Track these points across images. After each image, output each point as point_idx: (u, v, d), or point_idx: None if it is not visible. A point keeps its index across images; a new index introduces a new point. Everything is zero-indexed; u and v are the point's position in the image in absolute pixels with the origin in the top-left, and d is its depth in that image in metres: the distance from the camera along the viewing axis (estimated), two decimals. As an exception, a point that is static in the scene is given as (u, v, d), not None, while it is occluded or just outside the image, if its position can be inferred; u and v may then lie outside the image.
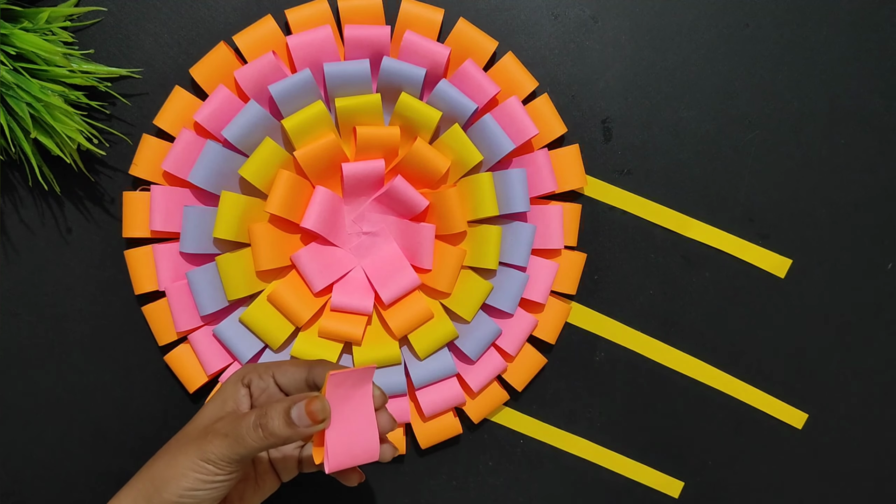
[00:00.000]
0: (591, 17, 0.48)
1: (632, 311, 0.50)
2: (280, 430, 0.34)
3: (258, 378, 0.39)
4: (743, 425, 0.51)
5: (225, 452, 0.35)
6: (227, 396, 0.38)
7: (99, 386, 0.48)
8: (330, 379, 0.35)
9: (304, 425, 0.34)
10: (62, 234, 0.47)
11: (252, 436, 0.35)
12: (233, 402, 0.38)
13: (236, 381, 0.39)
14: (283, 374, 0.38)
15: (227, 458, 0.35)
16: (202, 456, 0.35)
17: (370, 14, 0.45)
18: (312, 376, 0.38)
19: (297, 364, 0.39)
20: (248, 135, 0.44)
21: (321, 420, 0.34)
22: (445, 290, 0.46)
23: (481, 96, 0.45)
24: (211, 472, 0.35)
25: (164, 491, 0.36)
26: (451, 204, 0.45)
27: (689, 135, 0.49)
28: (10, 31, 0.40)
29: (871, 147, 0.49)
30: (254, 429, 0.35)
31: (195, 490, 0.35)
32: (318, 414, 0.34)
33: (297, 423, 0.34)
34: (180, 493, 0.35)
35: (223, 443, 0.35)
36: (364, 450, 0.36)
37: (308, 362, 0.39)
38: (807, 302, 0.50)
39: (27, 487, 0.49)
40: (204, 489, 0.36)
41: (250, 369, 0.39)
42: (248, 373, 0.39)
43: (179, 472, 0.35)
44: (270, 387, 0.39)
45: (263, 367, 0.39)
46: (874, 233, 0.50)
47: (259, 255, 0.44)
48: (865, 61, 0.49)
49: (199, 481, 0.35)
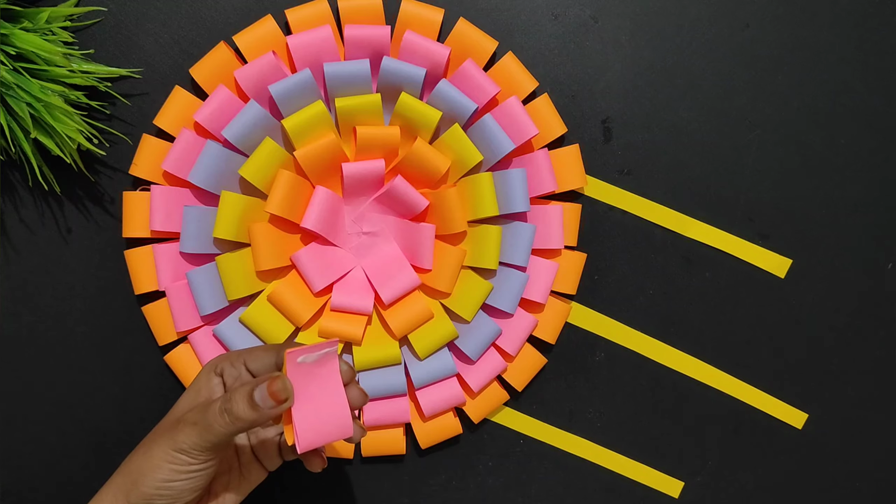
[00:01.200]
0: (591, 17, 0.48)
1: (632, 311, 0.50)
2: (244, 413, 0.34)
3: (230, 366, 0.39)
4: (743, 425, 0.51)
5: (195, 440, 0.35)
6: (201, 386, 0.38)
7: (99, 386, 0.48)
8: (288, 357, 0.34)
9: (268, 406, 0.34)
10: (62, 234, 0.47)
11: (219, 421, 0.35)
12: (206, 391, 0.38)
13: (209, 370, 0.39)
14: (254, 360, 0.38)
15: (199, 446, 0.35)
16: (174, 446, 0.35)
17: (370, 14, 0.45)
18: (281, 359, 0.38)
19: (267, 349, 0.39)
20: (248, 135, 0.44)
21: (283, 399, 0.34)
22: (445, 290, 0.46)
23: (481, 96, 0.45)
24: (185, 462, 0.35)
25: (141, 484, 0.35)
26: (451, 204, 0.45)
27: (689, 135, 0.49)
28: (10, 31, 0.40)
29: (871, 147, 0.49)
30: (220, 414, 0.35)
31: (171, 481, 0.35)
32: (279, 394, 0.34)
33: (261, 404, 0.34)
34: (157, 485, 0.35)
35: (192, 431, 0.35)
36: (335, 426, 0.36)
37: (277, 346, 0.39)
38: (807, 302, 0.50)
39: (27, 487, 0.49)
40: (180, 479, 0.36)
41: (222, 358, 0.39)
42: (220, 362, 0.39)
43: (154, 464, 0.35)
44: (243, 374, 0.39)
45: (235, 355, 0.39)
46: (874, 233, 0.50)
47: (259, 255, 0.44)
48: (865, 61, 0.49)
49: (174, 472, 0.35)
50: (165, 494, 0.36)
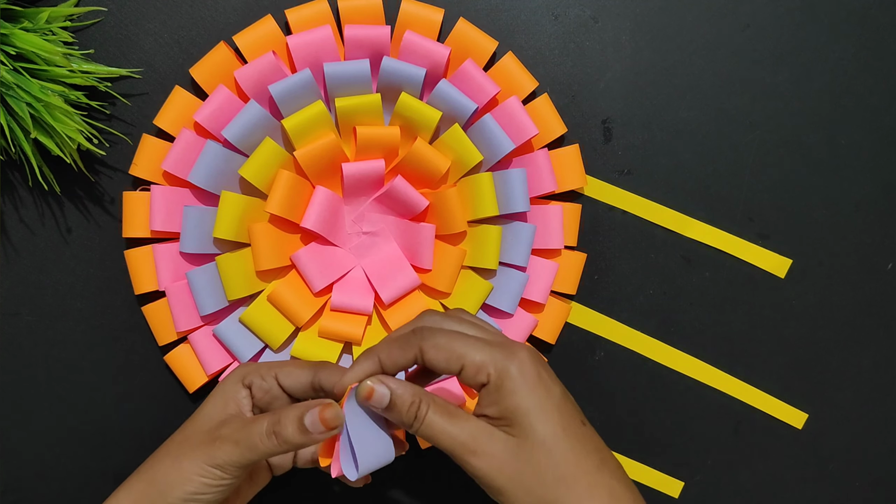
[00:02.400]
0: (591, 17, 0.48)
1: (631, 311, 0.50)
2: (294, 438, 0.34)
3: (260, 379, 0.38)
4: (743, 425, 0.51)
5: (236, 459, 0.35)
6: (228, 398, 0.38)
7: (99, 386, 0.48)
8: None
9: (318, 432, 0.34)
10: (62, 234, 0.47)
11: (265, 443, 0.35)
12: (234, 403, 0.38)
13: (236, 381, 0.39)
14: (287, 376, 0.38)
15: (237, 463, 0.35)
16: (211, 462, 0.35)
17: (370, 14, 0.45)
18: (318, 379, 0.38)
19: (300, 366, 0.38)
20: (248, 135, 0.44)
21: (334, 427, 0.34)
22: (445, 290, 0.46)
23: (481, 96, 0.45)
24: (218, 477, 0.35)
25: (168, 494, 0.35)
26: (451, 204, 0.45)
27: (689, 135, 0.49)
28: (10, 31, 0.40)
29: (871, 147, 0.49)
30: (267, 436, 0.35)
31: (201, 494, 0.36)
32: (331, 422, 0.34)
33: (311, 430, 0.34)
34: (185, 497, 0.35)
35: (234, 450, 0.35)
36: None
37: (313, 364, 0.38)
38: (807, 302, 0.50)
39: (27, 487, 0.49)
40: (209, 493, 0.36)
41: (251, 370, 0.39)
42: (248, 373, 0.39)
43: (185, 476, 0.35)
44: (274, 389, 0.38)
45: (266, 368, 0.39)
46: (874, 233, 0.50)
47: (259, 255, 0.44)
48: (865, 61, 0.49)
49: (205, 486, 0.35)
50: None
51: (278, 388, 0.38)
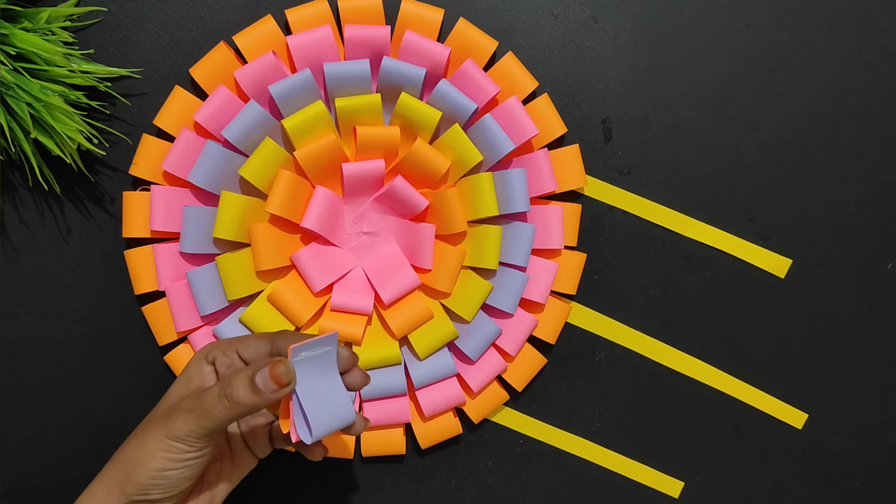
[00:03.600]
0: (591, 17, 0.48)
1: (632, 311, 0.50)
2: (245, 398, 0.34)
3: (222, 354, 0.38)
4: (743, 425, 0.51)
5: (192, 427, 0.35)
6: (192, 375, 0.38)
7: (99, 386, 0.48)
8: (292, 351, 0.34)
9: (270, 390, 0.34)
10: (62, 234, 0.47)
11: (217, 406, 0.34)
12: (198, 379, 0.38)
13: (200, 359, 0.38)
14: (247, 348, 0.38)
15: (195, 433, 0.35)
16: (169, 434, 0.35)
17: (370, 14, 0.45)
18: (276, 347, 0.37)
19: (259, 337, 0.38)
20: (248, 135, 0.44)
21: (286, 383, 0.34)
22: (445, 290, 0.46)
23: (481, 96, 0.45)
24: (180, 451, 0.35)
25: (135, 475, 0.35)
26: (451, 204, 0.45)
27: (689, 135, 0.49)
28: (10, 31, 0.40)
29: (871, 147, 0.49)
30: (219, 399, 0.34)
31: (167, 470, 0.35)
32: (282, 377, 0.34)
33: (263, 388, 0.34)
34: (152, 475, 0.35)
35: (189, 418, 0.35)
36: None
37: (271, 334, 0.38)
38: (807, 302, 0.50)
39: (27, 487, 0.49)
40: (175, 468, 0.35)
41: (213, 346, 0.39)
42: (211, 350, 0.38)
43: (149, 453, 0.35)
44: (235, 361, 0.38)
45: (227, 343, 0.38)
46: (874, 233, 0.50)
47: (259, 255, 0.44)
48: (865, 61, 0.49)
49: (169, 461, 0.35)
50: (161, 484, 0.35)
51: (240, 361, 0.38)
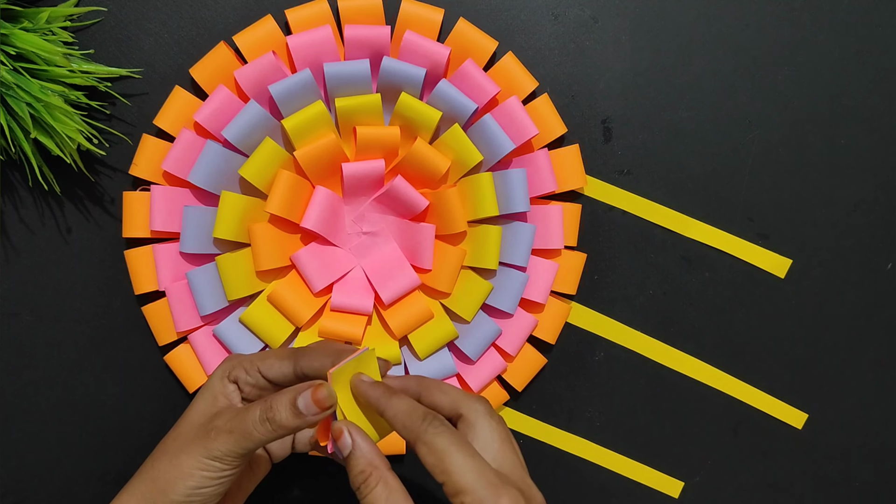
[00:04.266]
0: (591, 17, 0.48)
1: (632, 311, 0.50)
2: (288, 421, 0.35)
3: (244, 374, 0.38)
4: (743, 425, 0.51)
5: (231, 448, 0.35)
6: (217, 393, 0.38)
7: (99, 386, 0.48)
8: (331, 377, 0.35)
9: (312, 413, 0.35)
10: (62, 234, 0.47)
11: (259, 429, 0.35)
12: (223, 397, 0.38)
13: (222, 376, 0.39)
14: (269, 369, 0.38)
15: (234, 453, 0.35)
16: (208, 454, 0.35)
17: (370, 14, 0.45)
18: (300, 367, 0.37)
19: (281, 356, 0.38)
20: (248, 135, 0.44)
21: (328, 406, 0.35)
22: (445, 290, 0.46)
23: (481, 96, 0.45)
24: (217, 469, 0.36)
25: (170, 492, 0.36)
26: (452, 204, 0.45)
27: (689, 135, 0.49)
28: (10, 31, 0.40)
29: (871, 147, 0.49)
30: (261, 423, 0.35)
31: (202, 488, 0.36)
32: (324, 401, 0.34)
33: (305, 412, 0.34)
34: (188, 492, 0.36)
35: (229, 438, 0.35)
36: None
37: (291, 353, 0.38)
38: (807, 302, 0.50)
39: (27, 487, 0.49)
40: (211, 486, 0.36)
41: (234, 365, 0.39)
42: (232, 369, 0.39)
43: (185, 472, 0.36)
44: (259, 381, 0.38)
45: (248, 362, 0.38)
46: (874, 233, 0.50)
47: (259, 255, 0.44)
48: (865, 61, 0.49)
49: (205, 479, 0.36)
50: (195, 501, 0.36)
51: (264, 380, 0.38)
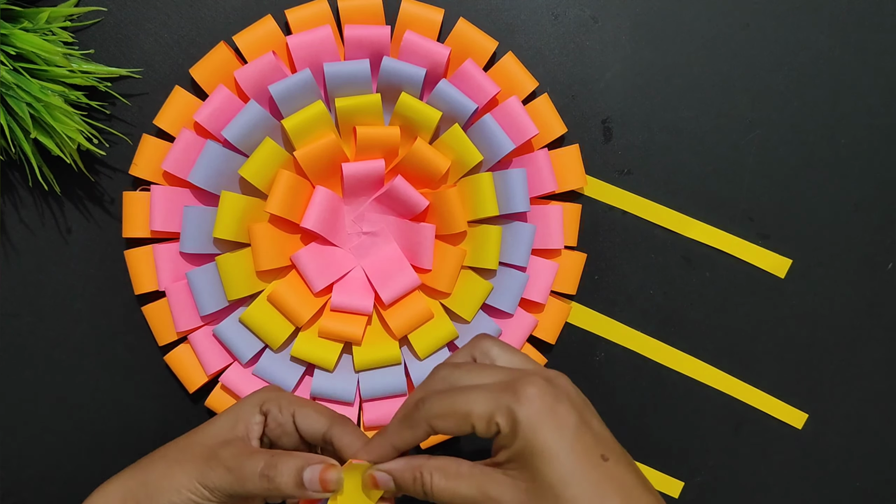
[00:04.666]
0: (591, 17, 0.48)
1: (632, 311, 0.50)
2: (287, 487, 0.34)
3: (278, 411, 0.37)
4: (743, 425, 0.51)
5: (223, 486, 0.34)
6: (241, 419, 0.37)
7: (99, 386, 0.48)
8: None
9: (314, 489, 0.33)
10: (62, 234, 0.47)
11: (255, 482, 0.34)
12: (244, 425, 0.37)
13: (255, 404, 0.37)
14: (304, 419, 0.37)
15: (225, 491, 0.35)
16: (201, 480, 0.35)
17: (370, 14, 0.45)
18: (332, 435, 0.36)
19: (319, 411, 0.37)
20: (248, 135, 0.44)
21: (332, 491, 0.33)
22: (445, 290, 0.46)
23: (481, 96, 0.45)
24: (204, 497, 0.35)
25: (155, 500, 0.35)
26: (452, 204, 0.45)
27: (689, 135, 0.49)
28: (10, 31, 0.40)
29: (871, 147, 0.49)
30: (259, 478, 0.34)
31: None
32: (330, 484, 0.33)
33: (308, 486, 0.33)
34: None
35: (225, 476, 0.34)
36: None
37: (330, 415, 0.37)
38: (807, 302, 0.50)
39: (27, 488, 0.49)
40: None
41: (272, 397, 0.38)
42: (268, 400, 0.37)
43: (174, 486, 0.35)
44: (287, 425, 0.37)
45: (286, 402, 0.37)
46: (874, 233, 0.50)
47: (259, 255, 0.44)
48: (865, 61, 0.49)
49: (191, 501, 0.35)
50: None
51: (292, 425, 0.37)
